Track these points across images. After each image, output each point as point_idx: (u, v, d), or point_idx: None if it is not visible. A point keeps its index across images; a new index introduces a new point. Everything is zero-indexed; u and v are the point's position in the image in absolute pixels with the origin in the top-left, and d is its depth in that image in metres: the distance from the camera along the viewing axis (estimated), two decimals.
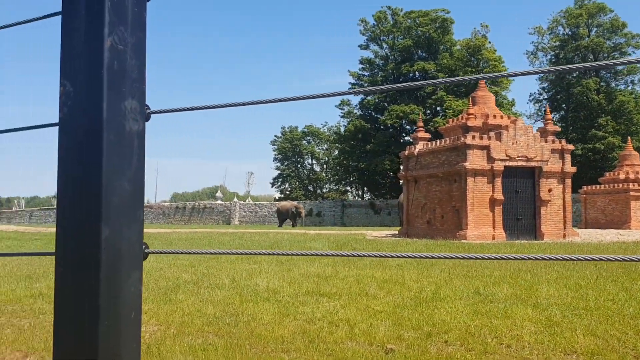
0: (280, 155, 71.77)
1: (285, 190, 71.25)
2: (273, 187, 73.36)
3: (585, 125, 53.71)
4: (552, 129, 24.05)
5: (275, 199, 68.56)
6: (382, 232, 30.87)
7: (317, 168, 73.99)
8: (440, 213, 23.56)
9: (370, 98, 58.96)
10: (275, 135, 73.53)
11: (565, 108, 57.43)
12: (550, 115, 25.04)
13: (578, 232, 25.47)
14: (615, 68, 52.37)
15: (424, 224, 24.57)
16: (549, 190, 22.88)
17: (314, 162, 73.74)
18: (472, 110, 24.31)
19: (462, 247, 16.66)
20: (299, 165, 72.79)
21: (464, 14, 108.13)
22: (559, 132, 25.48)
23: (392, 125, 56.75)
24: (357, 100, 60.84)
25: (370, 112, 60.04)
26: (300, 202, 52.87)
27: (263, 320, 5.61)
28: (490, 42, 56.84)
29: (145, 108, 1.25)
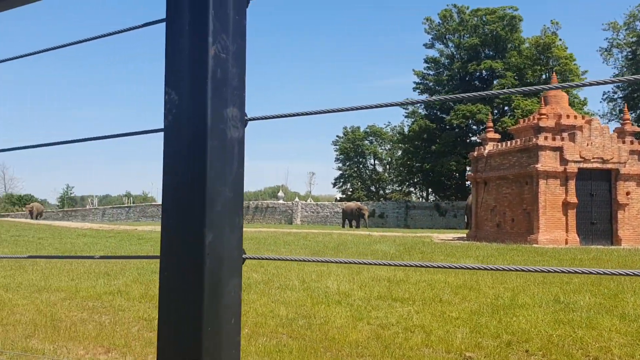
0: (342, 156, 71.67)
1: (347, 191, 71.10)
2: (335, 187, 73.45)
3: None
4: (630, 130, 22.89)
5: (337, 199, 68.55)
6: (448, 234, 30.29)
7: (379, 168, 73.47)
8: (511, 216, 22.90)
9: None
10: (337, 136, 73.48)
11: None
12: (629, 115, 23.82)
13: None
14: None
15: (493, 227, 23.95)
16: (627, 194, 21.81)
17: (377, 162, 73.26)
18: (544, 110, 23.47)
19: (534, 251, 16.09)
20: (361, 166, 72.47)
21: (533, 11, 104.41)
22: (638, 132, 24.22)
23: (458, 125, 55.58)
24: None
25: (436, 111, 59.11)
26: (363, 202, 52.57)
27: (336, 324, 5.60)
28: (561, 39, 54.69)
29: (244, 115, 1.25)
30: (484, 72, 55.68)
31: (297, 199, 59.63)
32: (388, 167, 73.09)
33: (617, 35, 58.64)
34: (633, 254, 15.72)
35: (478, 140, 38.91)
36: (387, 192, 71.30)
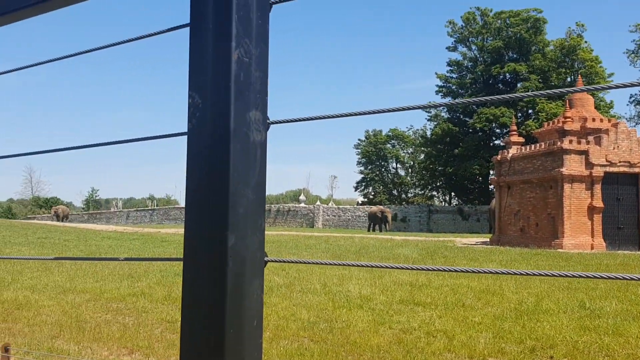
0: (364, 159, 71.43)
1: (369, 194, 70.85)
2: (356, 191, 73.23)
3: None
4: None
5: (358, 203, 68.33)
6: (471, 239, 30.00)
7: (401, 172, 73.08)
8: (535, 220, 22.60)
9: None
10: (359, 139, 73.26)
11: None
12: None
13: None
14: None
15: (517, 232, 23.66)
16: None
17: (399, 166, 72.90)
18: (569, 113, 23.15)
19: (558, 256, 15.85)
20: (383, 169, 72.15)
21: (558, 13, 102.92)
22: None
23: (481, 129, 55.01)
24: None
25: (459, 115, 58.65)
26: (385, 206, 52.28)
27: (357, 328, 5.58)
28: (587, 41, 53.86)
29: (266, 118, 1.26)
30: (508, 75, 55.12)
31: (318, 203, 59.61)
32: (410, 170, 72.63)
33: None
34: None
35: (502, 144, 38.45)
36: (409, 196, 70.86)
